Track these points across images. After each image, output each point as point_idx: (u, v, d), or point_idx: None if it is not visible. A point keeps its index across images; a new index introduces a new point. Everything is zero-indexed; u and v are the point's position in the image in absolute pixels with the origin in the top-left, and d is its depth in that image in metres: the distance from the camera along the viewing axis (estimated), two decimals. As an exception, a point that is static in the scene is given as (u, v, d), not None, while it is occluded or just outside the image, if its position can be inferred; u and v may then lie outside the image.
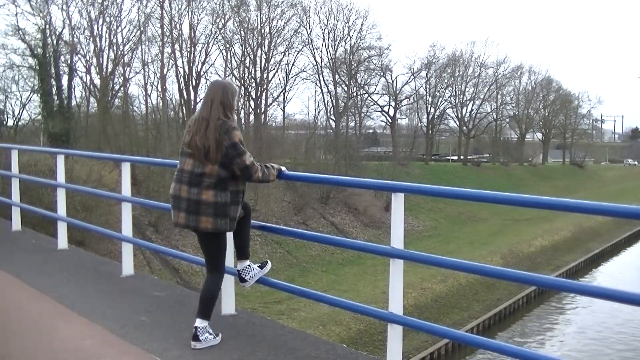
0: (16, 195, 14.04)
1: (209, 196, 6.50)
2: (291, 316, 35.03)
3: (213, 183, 6.50)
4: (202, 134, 6.52)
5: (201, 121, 6.60)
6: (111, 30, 65.15)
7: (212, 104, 6.64)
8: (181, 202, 6.59)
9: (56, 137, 54.91)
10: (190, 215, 6.55)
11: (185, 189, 6.56)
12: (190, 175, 6.55)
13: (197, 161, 6.53)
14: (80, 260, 10.88)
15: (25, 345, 6.73)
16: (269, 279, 7.76)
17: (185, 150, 6.64)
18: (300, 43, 78.02)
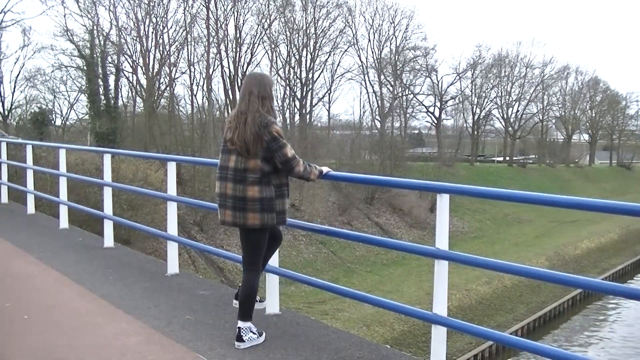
0: (64, 193, 14.18)
1: (255, 192, 6.48)
2: (335, 316, 35.01)
3: (257, 178, 6.48)
4: (241, 128, 6.50)
5: (240, 115, 6.59)
6: (157, 31, 65.56)
7: (249, 97, 6.60)
8: (227, 200, 6.57)
9: (103, 136, 55.39)
10: (237, 212, 6.53)
11: (231, 186, 6.54)
12: (235, 172, 6.53)
13: (240, 157, 6.51)
14: (126, 259, 10.96)
15: (71, 341, 6.79)
16: (313, 279, 7.76)
17: (228, 147, 6.63)
18: (345, 43, 77.92)
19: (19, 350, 6.55)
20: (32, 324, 7.38)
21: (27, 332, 7.12)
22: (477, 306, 40.17)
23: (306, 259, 49.25)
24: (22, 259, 10.86)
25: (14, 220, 15.38)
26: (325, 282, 7.75)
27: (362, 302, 7.48)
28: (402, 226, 60.58)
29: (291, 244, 49.22)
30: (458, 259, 6.05)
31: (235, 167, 6.53)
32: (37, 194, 16.57)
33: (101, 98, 60.12)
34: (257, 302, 6.92)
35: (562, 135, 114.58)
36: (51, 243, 12.37)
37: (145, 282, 9.25)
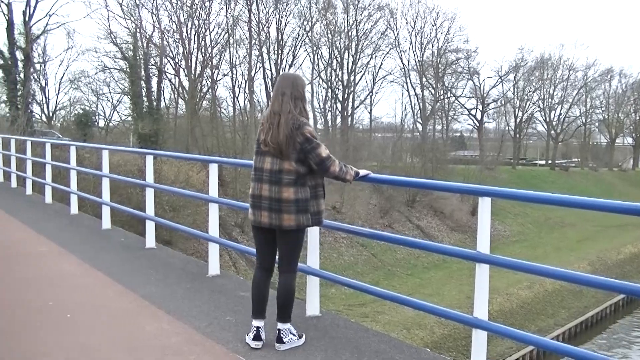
0: (106, 194, 14.29)
1: (290, 194, 6.45)
2: (375, 319, 34.96)
3: (293, 180, 6.45)
4: (274, 129, 6.47)
5: (273, 116, 6.55)
6: (200, 33, 65.90)
7: (282, 98, 6.56)
8: (262, 201, 6.54)
9: (145, 137, 55.75)
10: (273, 213, 6.49)
11: (266, 187, 6.51)
12: (270, 174, 6.50)
13: (275, 159, 6.49)
14: (168, 259, 11.01)
15: (112, 341, 6.84)
16: (354, 281, 7.76)
17: (262, 148, 6.59)
18: (387, 45, 77.90)
19: (61, 348, 6.61)
20: (75, 323, 7.45)
21: (70, 331, 7.19)
22: (518, 310, 39.92)
23: (347, 261, 49.23)
24: (66, 259, 10.96)
25: (57, 221, 15.53)
26: (365, 284, 7.74)
27: (402, 305, 7.46)
28: (443, 229, 60.38)
29: (332, 246, 49.24)
30: (499, 262, 6.01)
31: (270, 169, 6.50)
32: (81, 194, 16.71)
33: (144, 100, 60.56)
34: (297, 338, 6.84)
35: (606, 138, 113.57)
36: (94, 243, 12.47)
37: (186, 282, 9.30)
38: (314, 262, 7.68)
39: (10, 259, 11.05)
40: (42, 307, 8.09)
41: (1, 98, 63.56)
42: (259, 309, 6.70)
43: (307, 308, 7.73)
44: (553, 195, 5.91)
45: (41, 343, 6.79)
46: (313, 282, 7.76)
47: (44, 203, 18.55)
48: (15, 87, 57.02)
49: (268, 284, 6.88)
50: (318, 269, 7.70)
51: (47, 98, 68.45)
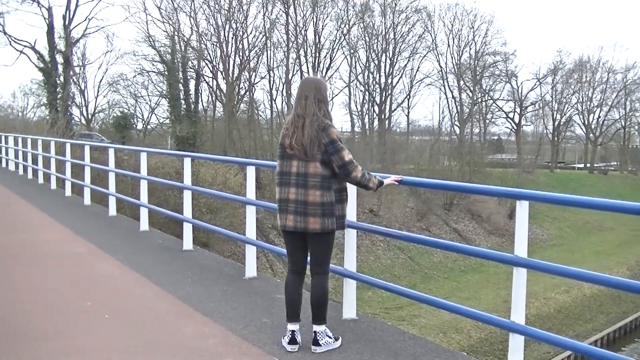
0: (144, 196, 14.37)
1: (316, 197, 6.44)
2: (412, 322, 34.88)
3: (318, 183, 6.44)
4: (299, 132, 6.48)
5: (297, 119, 6.56)
6: (237, 36, 66.15)
7: (306, 101, 6.58)
8: (289, 205, 6.54)
9: (183, 140, 56.01)
10: (298, 216, 6.50)
11: (293, 190, 6.51)
12: (297, 177, 6.50)
13: (301, 161, 6.48)
14: (205, 261, 11.05)
15: (149, 342, 6.88)
16: (391, 284, 7.74)
17: (288, 152, 6.57)
18: (424, 48, 77.71)
19: (99, 349, 6.65)
20: (112, 324, 7.50)
21: (107, 331, 7.23)
22: (556, 315, 39.68)
23: (384, 264, 49.17)
24: (104, 260, 11.03)
25: (96, 222, 15.65)
26: (402, 287, 7.72)
27: (439, 308, 7.44)
28: (481, 233, 60.13)
29: (369, 250, 49.20)
30: (537, 266, 5.97)
31: (297, 172, 6.50)
32: (119, 196, 16.83)
33: (182, 102, 60.89)
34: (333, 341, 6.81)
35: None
36: (132, 245, 12.55)
37: (223, 284, 9.32)
38: (350, 265, 7.67)
39: (50, 259, 11.14)
40: (80, 308, 8.15)
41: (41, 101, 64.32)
42: (293, 313, 6.71)
43: (343, 311, 7.72)
44: (591, 199, 5.86)
45: (79, 343, 6.85)
46: (350, 285, 7.75)
47: (83, 205, 18.71)
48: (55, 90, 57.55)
49: (300, 287, 6.89)
50: (355, 272, 7.70)
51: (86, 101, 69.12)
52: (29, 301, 8.49)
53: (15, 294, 8.83)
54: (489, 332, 33.94)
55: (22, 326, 7.40)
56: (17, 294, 8.83)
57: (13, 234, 13.82)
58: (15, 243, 12.69)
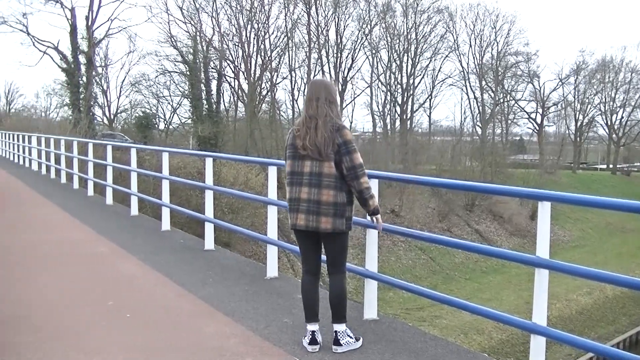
0: (166, 196, 14.41)
1: (329, 196, 6.47)
2: (433, 323, 34.83)
3: (332, 183, 6.48)
4: (312, 132, 6.51)
5: (309, 120, 6.57)
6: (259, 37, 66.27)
7: (317, 103, 6.59)
8: (300, 204, 6.57)
9: (205, 140, 56.15)
10: (311, 215, 6.53)
11: (305, 190, 6.54)
12: (310, 176, 6.52)
13: (314, 161, 6.51)
14: (226, 261, 11.07)
15: (170, 341, 6.89)
16: (412, 285, 7.73)
17: (300, 152, 6.59)
18: (446, 49, 77.56)
19: (121, 347, 6.68)
20: (134, 323, 7.52)
21: (129, 330, 7.26)
22: (578, 317, 39.53)
23: (405, 265, 49.12)
24: (126, 260, 11.07)
25: (118, 222, 15.71)
26: (423, 288, 7.70)
27: (460, 309, 7.42)
28: (502, 234, 59.93)
29: (390, 250, 49.16)
30: (559, 268, 5.95)
31: (310, 172, 6.53)
32: (141, 196, 16.88)
33: (203, 103, 61.04)
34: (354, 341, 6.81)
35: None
36: (153, 244, 12.59)
37: (244, 284, 9.34)
38: (372, 266, 7.66)
39: (72, 259, 11.20)
40: (102, 307, 8.19)
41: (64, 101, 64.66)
42: (311, 313, 6.72)
43: (364, 311, 7.71)
44: (614, 200, 5.83)
45: (101, 341, 6.88)
46: (371, 285, 7.74)
47: (105, 204, 18.78)
48: (78, 91, 57.87)
49: (317, 287, 6.91)
50: (376, 273, 7.68)
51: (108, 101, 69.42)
52: (52, 300, 8.54)
53: (38, 293, 8.88)
54: (510, 334, 33.86)
55: (45, 325, 7.44)
56: (40, 293, 8.88)
57: (37, 234, 13.89)
58: (38, 242, 12.75)
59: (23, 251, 11.82)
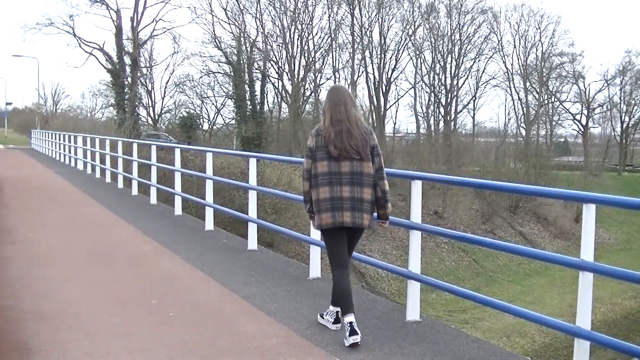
0: (210, 196, 14.49)
1: (369, 195, 6.83)
2: (475, 325, 34.68)
3: (371, 182, 6.85)
4: (346, 135, 6.81)
5: (338, 123, 6.85)
6: (303, 38, 66.43)
7: (345, 107, 6.90)
8: (344, 202, 6.77)
9: (248, 140, 56.32)
10: (356, 212, 6.79)
11: (347, 189, 6.78)
12: (351, 176, 6.78)
13: (354, 162, 6.80)
14: (269, 261, 11.10)
15: (212, 340, 6.93)
16: (455, 287, 7.71)
17: (332, 154, 6.81)
18: (490, 49, 77.03)
19: (163, 345, 6.73)
20: (176, 321, 7.58)
21: (171, 328, 7.31)
22: (622, 321, 39.14)
23: (448, 266, 48.92)
24: (170, 259, 11.15)
25: (162, 221, 15.82)
26: (466, 290, 7.69)
27: (503, 311, 7.38)
28: (546, 236, 59.45)
29: (433, 252, 48.99)
30: (604, 271, 5.90)
31: (351, 171, 6.79)
32: (185, 195, 16.98)
33: (247, 103, 61.24)
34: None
35: None
36: (197, 244, 12.65)
37: (287, 285, 9.36)
38: (415, 267, 7.65)
39: (117, 258, 11.30)
40: (145, 305, 8.26)
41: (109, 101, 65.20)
42: (351, 304, 6.82)
43: (407, 313, 7.70)
44: (660, 203, 5.77)
45: (144, 339, 6.94)
46: (414, 287, 7.73)
47: (149, 204, 18.93)
48: (123, 91, 58.28)
49: (349, 279, 7.19)
50: (419, 274, 7.68)
51: (153, 101, 69.89)
52: (97, 298, 8.63)
53: (84, 291, 8.98)
54: (553, 337, 33.60)
55: (91, 322, 7.53)
56: (86, 291, 8.98)
57: (83, 233, 14.04)
58: (85, 241, 12.89)
59: (71, 250, 11.95)
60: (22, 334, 7.13)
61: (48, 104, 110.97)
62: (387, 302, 9.40)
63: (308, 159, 6.97)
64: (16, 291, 8.94)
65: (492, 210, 58.65)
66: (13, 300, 8.47)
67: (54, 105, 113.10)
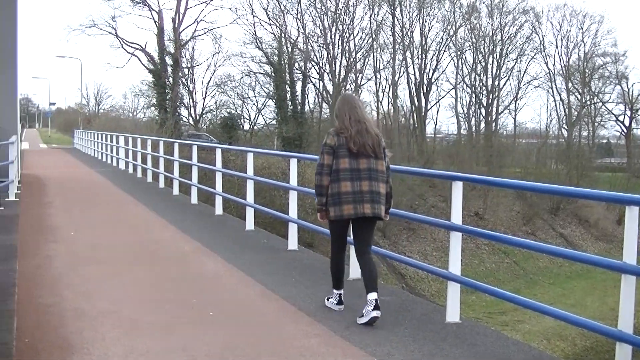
0: (250, 196, 14.53)
1: (383, 189, 7.59)
2: (515, 328, 34.51)
3: (385, 177, 7.63)
4: (364, 135, 7.56)
5: (358, 124, 7.59)
6: (344, 38, 66.44)
7: (360, 110, 7.78)
8: (364, 195, 7.45)
9: (289, 141, 56.44)
10: (375, 204, 7.48)
11: (366, 183, 7.48)
12: (369, 172, 7.51)
13: (370, 159, 7.54)
14: (309, 262, 11.10)
15: (252, 339, 6.95)
16: (495, 288, 7.68)
17: (353, 151, 7.51)
18: (532, 50, 76.39)
19: (203, 344, 6.76)
20: (216, 321, 7.61)
21: (211, 328, 7.35)
22: (666, 324, 38.65)
23: (488, 268, 48.73)
24: (210, 259, 11.20)
25: (203, 221, 15.89)
26: (506, 292, 7.64)
27: (543, 314, 7.33)
28: (588, 238, 58.95)
29: (474, 253, 48.82)
30: (647, 274, 5.84)
31: (368, 168, 7.52)
32: (225, 195, 17.03)
33: (288, 104, 61.38)
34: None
35: None
36: (237, 244, 12.69)
37: (326, 285, 9.35)
38: (455, 269, 7.63)
39: (157, 257, 11.37)
40: (186, 305, 8.30)
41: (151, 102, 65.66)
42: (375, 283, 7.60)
43: (447, 314, 7.69)
44: None
45: (184, 338, 6.97)
46: (454, 288, 7.71)
47: (190, 203, 19.01)
48: (165, 91, 58.70)
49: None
50: (459, 275, 7.65)
51: (194, 101, 70.17)
52: (139, 296, 8.69)
53: (126, 289, 9.04)
54: (594, 341, 33.34)
55: (132, 320, 7.58)
56: (128, 290, 9.04)
57: (124, 232, 14.14)
58: (126, 241, 12.97)
59: (113, 249, 12.03)
60: (64, 331, 7.20)
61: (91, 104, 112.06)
62: (427, 303, 9.40)
63: (329, 155, 7.60)
64: (59, 289, 9.03)
65: (533, 211, 58.31)
66: (56, 298, 8.56)
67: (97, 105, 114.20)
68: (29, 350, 6.58)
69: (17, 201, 18.74)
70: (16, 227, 14.17)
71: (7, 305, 8.04)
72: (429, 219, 10.68)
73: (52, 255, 11.31)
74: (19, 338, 6.89)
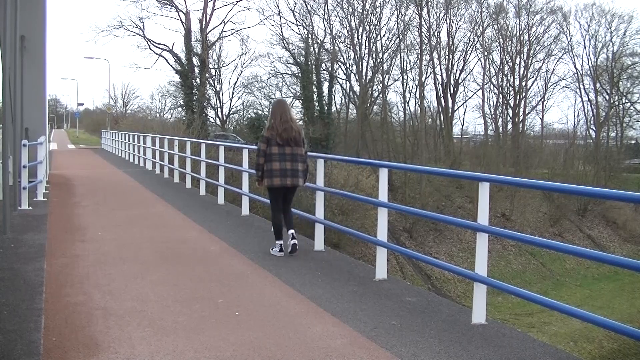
0: (277, 196, 14.53)
1: (302, 167, 11.27)
2: (542, 330, 34.33)
3: (304, 159, 11.35)
4: (290, 130, 11.14)
5: (287, 122, 11.17)
6: (371, 39, 66.46)
7: (288, 112, 11.33)
8: (287, 172, 11.08)
9: (316, 141, 56.46)
10: (294, 178, 11.18)
11: (290, 164, 11.11)
12: (292, 156, 11.16)
13: (293, 147, 11.15)
14: (335, 262, 11.11)
15: (278, 340, 6.97)
16: (522, 290, 7.64)
17: (279, 142, 11.06)
18: (560, 50, 75.96)
19: (229, 344, 6.79)
20: (242, 321, 7.63)
21: (237, 328, 7.37)
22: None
23: (515, 269, 48.55)
24: (237, 259, 11.23)
25: (229, 222, 15.93)
26: (533, 294, 7.60)
27: (570, 316, 7.29)
28: (615, 240, 58.60)
29: (500, 254, 48.67)
30: (674, 276, 5.80)
31: (291, 153, 11.07)
32: (252, 196, 17.05)
33: (315, 104, 61.46)
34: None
35: None
36: (263, 244, 12.69)
37: (353, 286, 9.37)
38: (481, 270, 7.60)
39: (185, 257, 11.41)
40: (212, 304, 8.33)
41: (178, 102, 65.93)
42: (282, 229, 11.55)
43: (473, 315, 7.67)
44: None
45: (211, 338, 7.00)
46: (480, 289, 7.69)
47: (217, 204, 19.07)
48: (192, 92, 58.93)
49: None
50: (486, 277, 7.62)
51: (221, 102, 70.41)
52: (166, 296, 8.72)
53: (153, 289, 9.08)
54: (622, 343, 33.08)
55: (158, 320, 7.61)
56: (155, 289, 9.08)
57: (152, 232, 14.19)
58: (154, 240, 13.03)
59: (140, 248, 12.10)
60: (91, 330, 7.25)
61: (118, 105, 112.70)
62: (453, 304, 9.36)
63: (264, 144, 11.05)
64: (86, 288, 9.09)
65: (560, 213, 58.03)
66: (83, 296, 8.62)
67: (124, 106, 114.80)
68: (56, 349, 6.63)
69: (46, 201, 18.91)
70: (45, 227, 14.29)
71: (36, 304, 8.12)
72: (456, 220, 10.68)
73: (80, 254, 11.39)
74: (47, 336, 6.96)
